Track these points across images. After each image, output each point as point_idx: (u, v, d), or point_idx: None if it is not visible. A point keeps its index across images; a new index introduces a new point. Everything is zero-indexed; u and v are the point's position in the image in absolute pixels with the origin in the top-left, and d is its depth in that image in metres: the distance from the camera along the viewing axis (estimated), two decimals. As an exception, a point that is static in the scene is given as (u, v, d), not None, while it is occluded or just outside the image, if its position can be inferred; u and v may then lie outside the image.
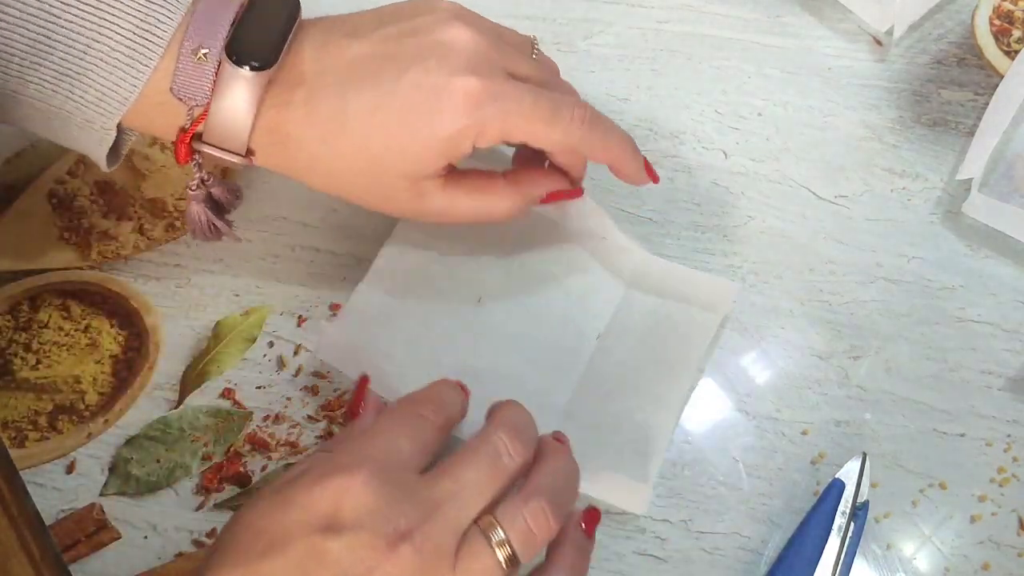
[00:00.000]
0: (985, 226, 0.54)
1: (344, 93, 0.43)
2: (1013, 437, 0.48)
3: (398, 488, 0.35)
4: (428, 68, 0.43)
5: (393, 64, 0.44)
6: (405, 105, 0.43)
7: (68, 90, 0.42)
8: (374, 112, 0.43)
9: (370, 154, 0.44)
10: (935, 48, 0.61)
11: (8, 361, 0.51)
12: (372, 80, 0.44)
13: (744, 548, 0.46)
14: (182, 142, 0.43)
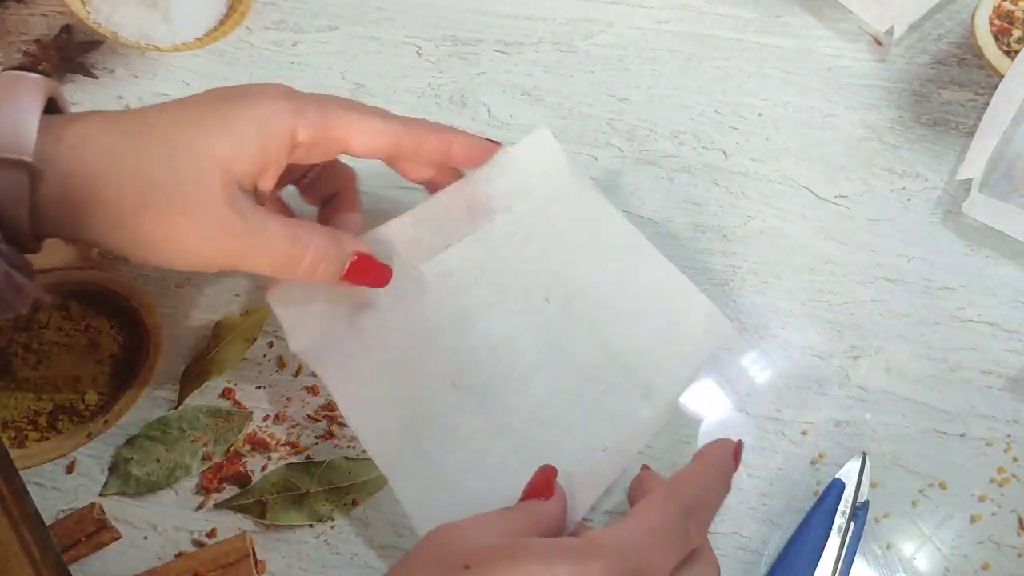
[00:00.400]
0: (985, 226, 0.54)
1: (149, 108, 0.41)
2: (1013, 437, 0.48)
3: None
4: (238, 87, 0.42)
5: (201, 94, 0.42)
6: (218, 98, 0.41)
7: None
8: (183, 107, 0.40)
9: (178, 137, 0.39)
10: (935, 48, 0.61)
11: (8, 361, 0.51)
12: (179, 101, 0.41)
13: (744, 548, 0.46)
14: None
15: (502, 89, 0.60)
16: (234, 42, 0.62)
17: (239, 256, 0.40)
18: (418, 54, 0.62)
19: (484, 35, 0.62)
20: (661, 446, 0.48)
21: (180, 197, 0.38)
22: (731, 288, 0.53)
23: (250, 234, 0.40)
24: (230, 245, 0.40)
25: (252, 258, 0.41)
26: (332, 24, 0.63)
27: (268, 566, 0.46)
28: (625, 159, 0.57)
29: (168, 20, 0.60)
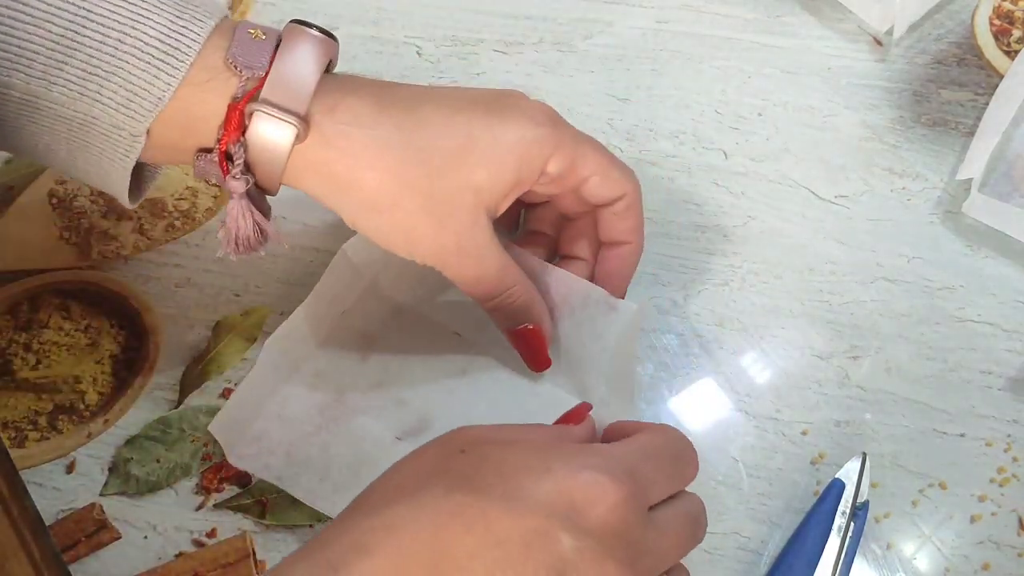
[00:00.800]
0: (985, 226, 0.54)
1: (418, 96, 0.42)
2: (1013, 437, 0.48)
3: (640, 524, 0.35)
4: (509, 94, 0.44)
5: (464, 93, 0.44)
6: (487, 111, 0.42)
7: (96, 91, 0.39)
8: (454, 114, 0.42)
9: (446, 151, 0.41)
10: (935, 48, 0.61)
11: (8, 361, 0.51)
12: (448, 94, 0.43)
13: (744, 548, 0.46)
14: (234, 110, 0.40)
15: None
16: (234, 42, 0.62)
17: (451, 267, 0.44)
18: (418, 54, 0.62)
19: (484, 35, 0.62)
20: (661, 446, 0.48)
21: (431, 208, 0.41)
22: (731, 288, 0.53)
23: (473, 256, 0.43)
24: (452, 257, 0.43)
25: (461, 275, 0.44)
26: (332, 24, 0.63)
27: (268, 566, 0.46)
28: (625, 159, 0.57)
29: (168, 20, 0.60)
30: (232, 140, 0.40)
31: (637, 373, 0.50)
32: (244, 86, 0.40)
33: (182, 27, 0.39)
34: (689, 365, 0.51)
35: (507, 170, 0.42)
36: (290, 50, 0.41)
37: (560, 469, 0.34)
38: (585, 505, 0.33)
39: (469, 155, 0.41)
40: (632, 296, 0.53)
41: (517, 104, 0.43)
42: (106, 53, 0.38)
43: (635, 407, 0.49)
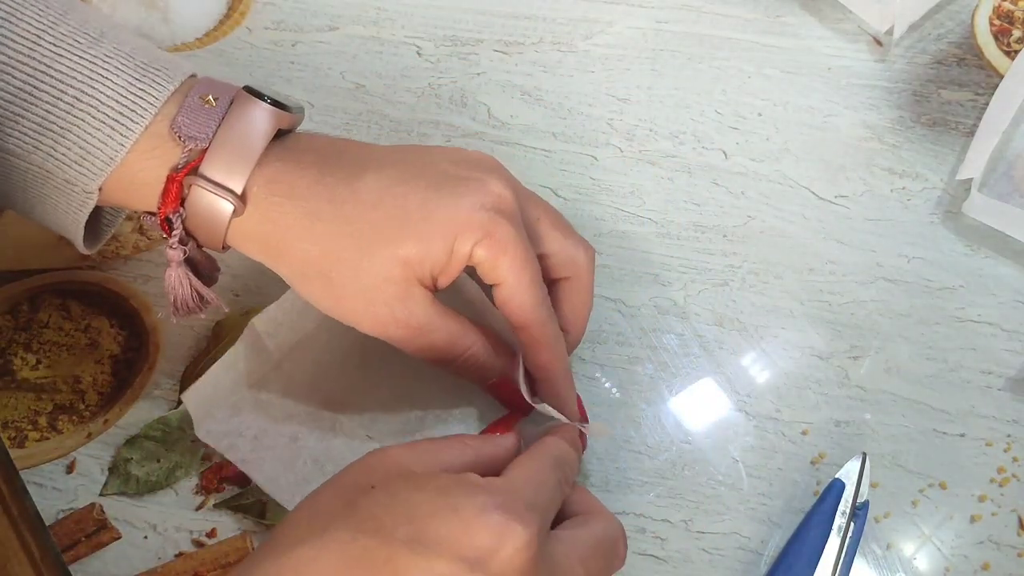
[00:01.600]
0: (985, 226, 0.54)
1: (364, 163, 0.42)
2: (1013, 437, 0.48)
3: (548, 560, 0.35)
4: (464, 163, 0.43)
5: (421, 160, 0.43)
6: (430, 186, 0.41)
7: (50, 146, 0.39)
8: (394, 184, 0.41)
9: (375, 224, 0.41)
10: (935, 48, 0.61)
11: (8, 361, 0.51)
12: (396, 164, 0.42)
13: (744, 548, 0.46)
14: (173, 181, 0.40)
15: (502, 89, 0.60)
16: (234, 42, 0.62)
17: (396, 339, 0.43)
18: (418, 54, 0.62)
19: (484, 35, 0.62)
20: (660, 445, 0.48)
21: (360, 280, 0.41)
22: (731, 288, 0.53)
23: (412, 328, 0.42)
24: (391, 329, 0.42)
25: (408, 345, 0.43)
26: (332, 24, 0.63)
27: (268, 566, 0.46)
28: (625, 159, 0.57)
29: (168, 20, 0.60)
30: (170, 210, 0.41)
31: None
32: (186, 157, 0.40)
33: (140, 90, 0.40)
34: (689, 365, 0.51)
35: (436, 246, 0.41)
36: (235, 122, 0.41)
37: (466, 510, 0.34)
38: (495, 550, 0.33)
39: (399, 229, 0.41)
40: (632, 296, 0.53)
41: (472, 179, 0.42)
42: (62, 110, 0.39)
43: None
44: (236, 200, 0.40)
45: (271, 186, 0.41)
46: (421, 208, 0.41)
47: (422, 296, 0.42)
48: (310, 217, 0.41)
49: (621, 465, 0.48)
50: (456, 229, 0.40)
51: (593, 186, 0.56)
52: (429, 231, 0.40)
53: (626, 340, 0.51)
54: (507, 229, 0.41)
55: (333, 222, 0.41)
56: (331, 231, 0.41)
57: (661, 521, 0.47)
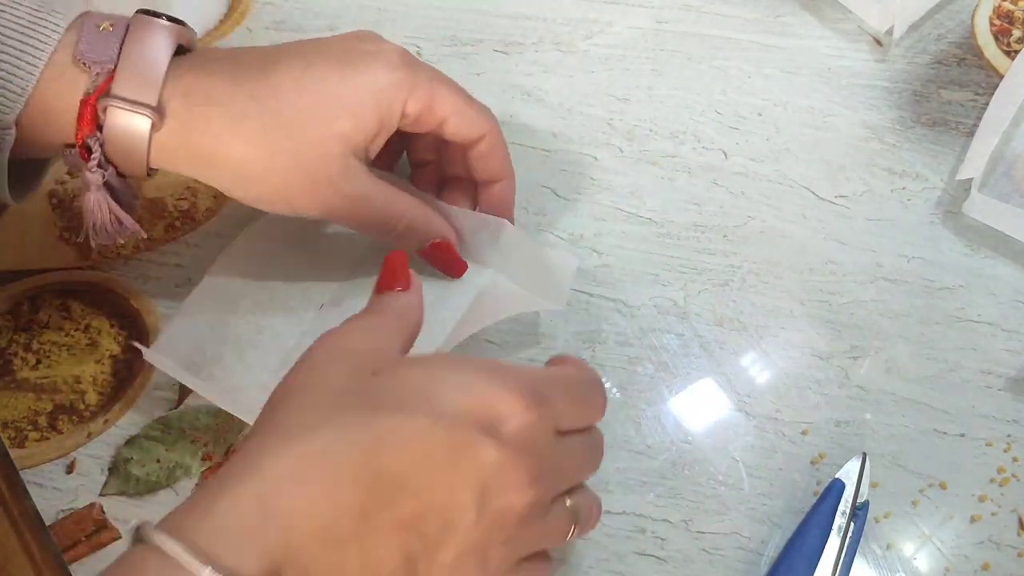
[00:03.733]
0: (985, 226, 0.54)
1: (271, 59, 0.44)
2: (1013, 437, 0.48)
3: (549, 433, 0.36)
4: (362, 39, 0.45)
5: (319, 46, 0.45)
6: (340, 61, 0.44)
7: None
8: (307, 68, 0.43)
9: (304, 108, 0.43)
10: (935, 48, 0.61)
11: (8, 361, 0.51)
12: (300, 54, 0.44)
13: (744, 548, 0.46)
14: (86, 104, 0.41)
15: (502, 89, 0.60)
16: (234, 42, 0.62)
17: (342, 215, 0.45)
18: (418, 54, 0.62)
19: (484, 35, 0.62)
20: (660, 445, 0.48)
21: (302, 165, 0.43)
22: (731, 288, 0.53)
23: (356, 199, 0.44)
24: (337, 206, 0.44)
25: (352, 219, 0.46)
26: (332, 24, 0.63)
27: (268, 566, 0.46)
28: (625, 159, 0.57)
29: (168, 20, 0.60)
30: (87, 134, 0.42)
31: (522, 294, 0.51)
32: (95, 81, 0.41)
33: (40, 18, 0.41)
34: (689, 365, 0.51)
35: (367, 115, 0.43)
36: (137, 40, 0.42)
37: (479, 383, 0.35)
38: (504, 417, 0.34)
39: (328, 107, 0.43)
40: (632, 296, 0.53)
41: (371, 49, 0.45)
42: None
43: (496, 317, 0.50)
44: (153, 113, 0.41)
45: (188, 98, 0.42)
46: (341, 84, 0.43)
47: (359, 168, 0.44)
48: (236, 119, 0.42)
49: (621, 465, 0.48)
50: (381, 95, 0.43)
51: (593, 186, 0.56)
52: (358, 103, 0.43)
53: (626, 340, 0.51)
54: (425, 74, 0.45)
55: (261, 117, 0.42)
56: (262, 126, 0.42)
57: (661, 521, 0.47)
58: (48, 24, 0.41)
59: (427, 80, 0.45)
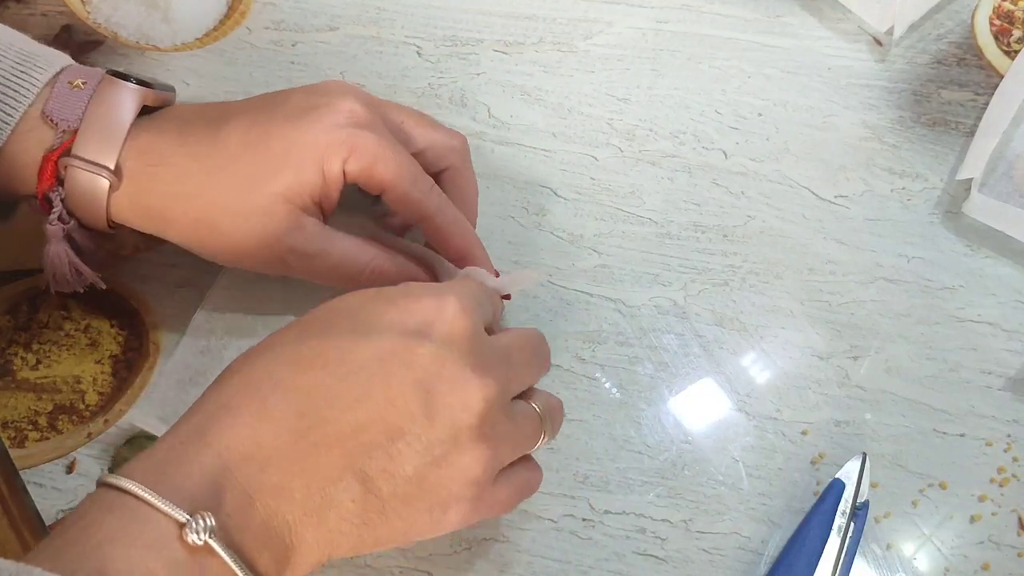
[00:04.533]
0: (985, 226, 0.54)
1: (222, 116, 0.44)
2: (1013, 437, 0.48)
3: (481, 331, 0.37)
4: (322, 92, 0.44)
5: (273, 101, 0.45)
6: (286, 119, 0.43)
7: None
8: (251, 127, 0.43)
9: (245, 168, 0.43)
10: (935, 48, 0.61)
11: (8, 361, 0.51)
12: (250, 110, 0.44)
13: (744, 548, 0.46)
14: (48, 160, 0.43)
15: (502, 89, 0.60)
16: (234, 42, 0.62)
17: (299, 271, 0.45)
18: (418, 54, 0.62)
19: (484, 35, 0.62)
20: (660, 445, 0.48)
21: (248, 224, 0.43)
22: (731, 288, 0.53)
23: (309, 255, 0.44)
24: (291, 263, 0.44)
25: (311, 274, 0.45)
26: (332, 24, 0.63)
27: (268, 566, 0.46)
28: (625, 159, 0.57)
29: (168, 20, 0.60)
30: (47, 188, 0.43)
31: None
32: (60, 138, 0.43)
33: (22, 73, 0.43)
34: (689, 365, 0.51)
35: (308, 172, 0.43)
36: (102, 102, 0.43)
37: (403, 298, 0.36)
38: (433, 321, 0.35)
39: (268, 164, 0.43)
40: (632, 296, 0.53)
41: (321, 103, 0.44)
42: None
43: None
44: (111, 175, 0.43)
45: (143, 157, 0.43)
46: (283, 141, 0.43)
47: (310, 223, 0.44)
48: (181, 179, 0.43)
49: (621, 465, 0.48)
50: (320, 152, 0.43)
51: (593, 186, 0.56)
52: (297, 161, 0.43)
53: (626, 340, 0.51)
54: (368, 138, 0.43)
55: (204, 177, 0.43)
56: (204, 186, 0.43)
57: (661, 521, 0.47)
58: (28, 79, 0.43)
59: (372, 142, 0.43)
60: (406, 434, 0.34)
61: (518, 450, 0.38)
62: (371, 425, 0.33)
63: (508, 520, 0.46)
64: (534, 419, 0.39)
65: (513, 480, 0.38)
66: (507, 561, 0.46)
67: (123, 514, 0.31)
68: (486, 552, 0.46)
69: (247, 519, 0.33)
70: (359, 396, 0.34)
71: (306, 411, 0.33)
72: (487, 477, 0.36)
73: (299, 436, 0.33)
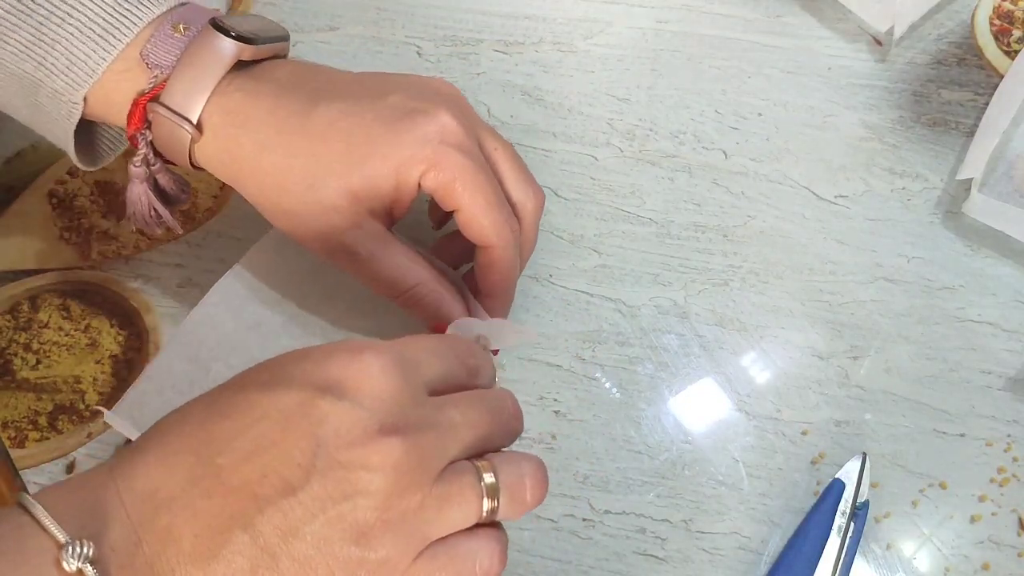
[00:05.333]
0: (985, 226, 0.54)
1: (318, 93, 0.44)
2: (1013, 437, 0.48)
3: (409, 390, 0.34)
4: (415, 95, 0.44)
5: (376, 91, 0.44)
6: (379, 118, 0.43)
7: (41, 56, 0.43)
8: (342, 117, 0.43)
9: (325, 156, 0.43)
10: (935, 48, 0.61)
11: (8, 361, 0.51)
12: (350, 96, 0.44)
13: (744, 548, 0.46)
14: (137, 104, 0.43)
15: (502, 89, 0.60)
16: (234, 42, 0.62)
17: (344, 266, 0.45)
18: (418, 54, 0.62)
19: (484, 35, 0.62)
20: (660, 445, 0.48)
21: (309, 210, 0.43)
22: (731, 288, 0.53)
23: (359, 255, 0.44)
24: (340, 256, 0.44)
25: (356, 272, 0.45)
26: (332, 24, 0.63)
27: (268, 566, 0.46)
28: (625, 159, 0.57)
29: (168, 20, 0.60)
30: (136, 130, 0.44)
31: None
32: (151, 83, 0.43)
33: (127, 10, 0.43)
34: (689, 365, 0.51)
35: (381, 179, 0.42)
36: (196, 53, 0.43)
37: (318, 352, 0.34)
38: (345, 378, 0.33)
39: (344, 162, 0.42)
40: (632, 296, 0.53)
41: (419, 112, 0.43)
42: (54, 23, 0.42)
43: None
44: (193, 129, 0.43)
45: (229, 116, 0.43)
46: (366, 142, 0.42)
47: (372, 226, 0.44)
48: (260, 148, 0.43)
49: (621, 465, 0.48)
50: (399, 162, 0.42)
51: (593, 186, 0.56)
52: (373, 165, 0.42)
53: (626, 340, 0.51)
54: (455, 158, 0.42)
55: (281, 154, 0.43)
56: (278, 163, 0.43)
57: (661, 521, 0.47)
58: (133, 15, 0.43)
59: (457, 167, 0.42)
60: (298, 491, 0.32)
61: (443, 521, 0.33)
62: (264, 479, 0.32)
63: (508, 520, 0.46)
64: (469, 487, 0.34)
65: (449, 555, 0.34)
66: (507, 561, 0.46)
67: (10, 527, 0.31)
68: (486, 552, 0.46)
69: (130, 558, 0.31)
70: (256, 448, 0.32)
71: (204, 458, 0.32)
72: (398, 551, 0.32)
73: (193, 483, 0.32)
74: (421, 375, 0.35)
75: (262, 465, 0.32)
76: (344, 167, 0.42)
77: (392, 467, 0.32)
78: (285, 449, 0.32)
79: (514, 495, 0.35)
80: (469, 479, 0.34)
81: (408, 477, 0.32)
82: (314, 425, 0.32)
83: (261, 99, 0.43)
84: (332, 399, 0.32)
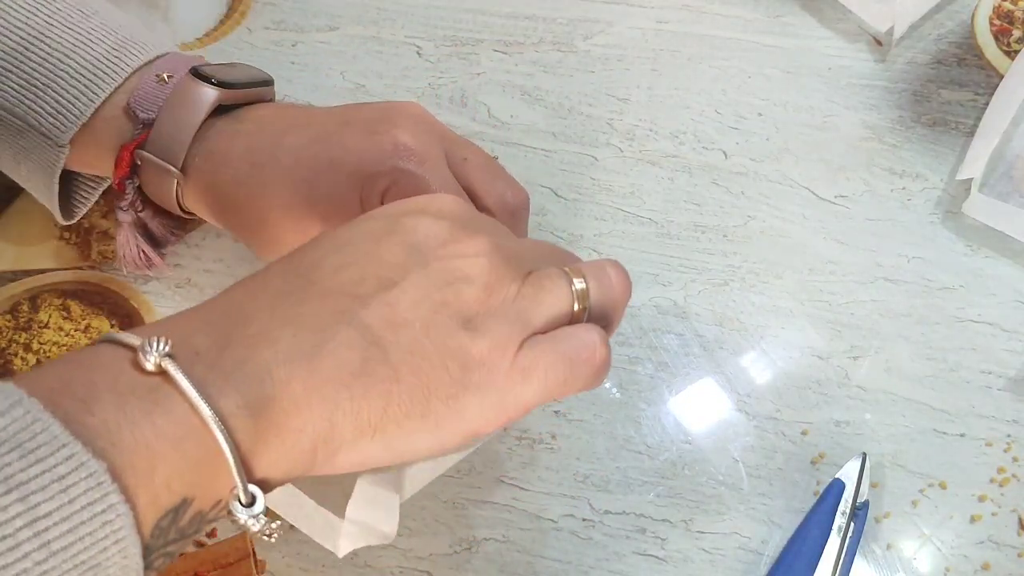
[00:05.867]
0: (985, 226, 0.54)
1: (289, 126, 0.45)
2: (1013, 437, 0.48)
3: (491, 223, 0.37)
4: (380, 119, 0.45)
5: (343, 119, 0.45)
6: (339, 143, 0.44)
7: (32, 100, 0.44)
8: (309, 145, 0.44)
9: (290, 184, 0.44)
10: (935, 48, 0.61)
11: (8, 361, 0.51)
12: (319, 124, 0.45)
13: (744, 548, 0.46)
14: (125, 151, 0.45)
15: (502, 89, 0.60)
16: (234, 42, 0.62)
17: None
18: (418, 54, 0.62)
19: (484, 35, 0.62)
20: (660, 445, 0.48)
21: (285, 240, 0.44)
22: (731, 288, 0.53)
23: None
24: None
25: None
26: (332, 24, 0.63)
27: (268, 566, 0.46)
28: (625, 159, 0.57)
29: (168, 19, 0.60)
30: (122, 176, 0.46)
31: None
32: (138, 130, 0.45)
33: (116, 58, 0.45)
34: (689, 365, 0.51)
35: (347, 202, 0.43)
36: (177, 103, 0.44)
37: (396, 203, 0.36)
38: (426, 203, 0.35)
39: (311, 189, 0.44)
40: (633, 296, 0.52)
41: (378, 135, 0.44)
42: (47, 69, 0.44)
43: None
44: (178, 173, 0.45)
45: (210, 156, 0.45)
46: (330, 168, 0.43)
47: None
48: (236, 183, 0.45)
49: (621, 465, 0.48)
50: (362, 182, 0.43)
51: (593, 186, 0.56)
52: (339, 189, 0.43)
53: (626, 340, 0.51)
54: (411, 176, 0.43)
55: (254, 186, 0.44)
56: (252, 194, 0.44)
57: (661, 521, 0.47)
58: (117, 67, 0.45)
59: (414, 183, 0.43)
60: (400, 283, 0.32)
61: (542, 308, 0.34)
62: (363, 281, 0.32)
63: (508, 520, 0.46)
64: (559, 275, 0.35)
65: (552, 341, 0.34)
66: (507, 561, 0.46)
67: (86, 352, 0.30)
68: (486, 552, 0.46)
69: (218, 359, 0.30)
70: (347, 261, 0.32)
71: (293, 277, 0.32)
72: (503, 335, 0.33)
73: (284, 296, 0.31)
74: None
75: (359, 270, 0.32)
76: (312, 193, 0.44)
77: (486, 255, 0.33)
78: (378, 256, 0.33)
79: (601, 288, 0.36)
80: (556, 271, 0.35)
81: (502, 268, 0.33)
82: (405, 235, 0.33)
83: (239, 138, 0.45)
84: (416, 216, 0.34)
